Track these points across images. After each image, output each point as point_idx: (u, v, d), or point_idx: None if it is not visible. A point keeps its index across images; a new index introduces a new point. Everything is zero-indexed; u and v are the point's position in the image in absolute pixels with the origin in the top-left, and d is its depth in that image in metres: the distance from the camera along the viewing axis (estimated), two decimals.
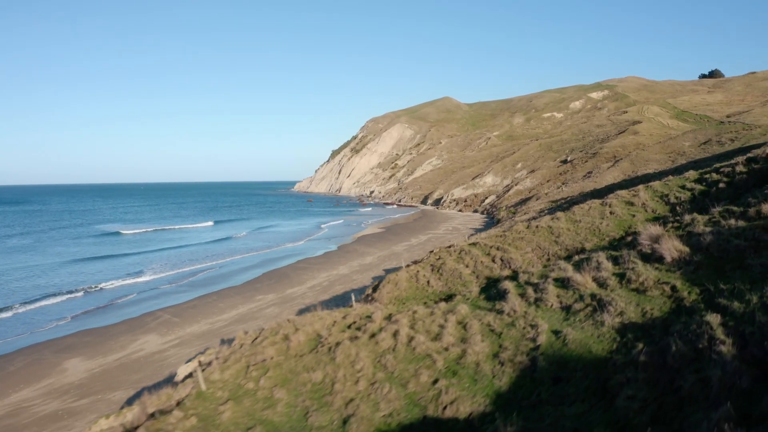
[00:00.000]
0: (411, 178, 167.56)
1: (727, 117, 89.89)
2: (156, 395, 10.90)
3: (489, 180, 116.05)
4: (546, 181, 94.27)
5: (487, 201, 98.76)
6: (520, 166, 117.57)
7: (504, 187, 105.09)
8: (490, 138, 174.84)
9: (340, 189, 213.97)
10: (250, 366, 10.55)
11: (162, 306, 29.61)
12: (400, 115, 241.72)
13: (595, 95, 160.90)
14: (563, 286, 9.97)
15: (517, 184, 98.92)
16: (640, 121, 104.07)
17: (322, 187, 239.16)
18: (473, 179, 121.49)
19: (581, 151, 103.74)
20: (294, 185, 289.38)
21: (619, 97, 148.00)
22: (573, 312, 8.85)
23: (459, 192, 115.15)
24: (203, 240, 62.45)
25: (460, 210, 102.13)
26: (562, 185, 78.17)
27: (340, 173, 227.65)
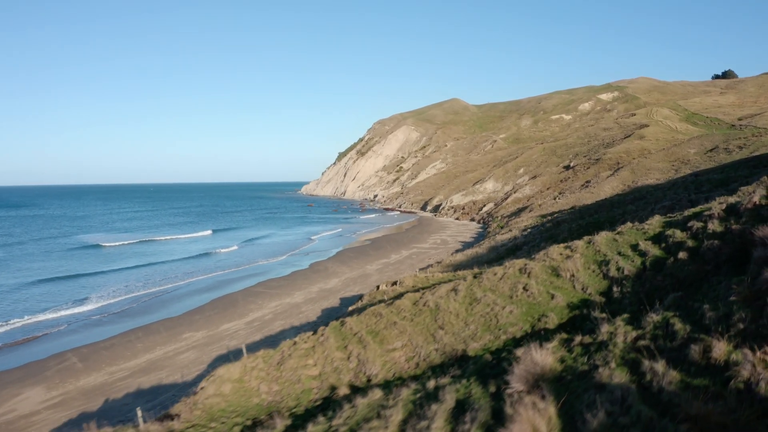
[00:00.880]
0: (414, 182, 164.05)
1: (739, 120, 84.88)
2: None
3: (490, 186, 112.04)
4: (546, 189, 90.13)
5: (485, 209, 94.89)
6: (522, 171, 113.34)
7: (504, 194, 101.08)
8: (496, 141, 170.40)
9: (344, 192, 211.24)
10: None
11: (78, 344, 26.89)
12: (406, 117, 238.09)
13: (605, 96, 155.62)
14: None
15: (516, 191, 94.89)
16: (647, 125, 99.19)
17: (327, 190, 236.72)
18: (474, 185, 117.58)
19: (585, 156, 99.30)
20: (303, 187, 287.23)
21: (629, 99, 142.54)
22: None
23: (458, 198, 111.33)
24: (185, 254, 59.60)
25: (457, 218, 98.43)
26: (558, 195, 74.13)
27: (345, 176, 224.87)
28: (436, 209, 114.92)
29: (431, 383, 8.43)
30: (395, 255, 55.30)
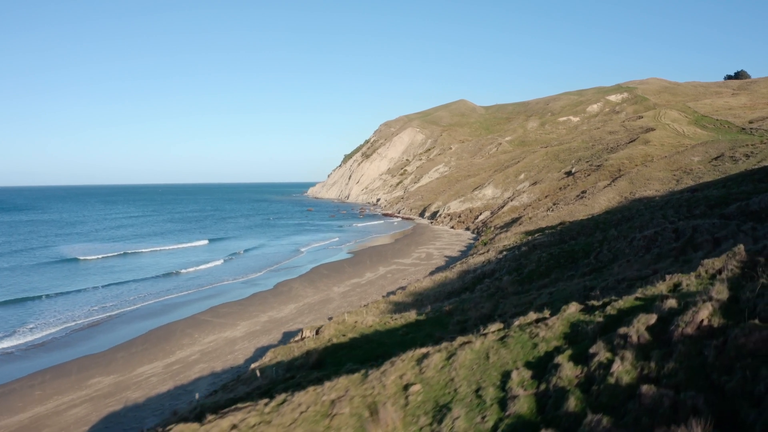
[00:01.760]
0: (416, 186, 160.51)
1: (750, 123, 79.92)
2: None
3: (489, 192, 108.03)
4: (544, 197, 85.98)
5: (481, 218, 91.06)
6: (523, 177, 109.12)
7: (502, 202, 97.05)
8: (501, 143, 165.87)
9: (348, 196, 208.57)
10: None
11: None
12: (413, 119, 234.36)
13: (614, 98, 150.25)
14: None
15: (514, 199, 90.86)
16: (653, 129, 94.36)
17: (332, 193, 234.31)
18: (473, 191, 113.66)
19: (587, 162, 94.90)
20: (309, 189, 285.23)
21: (639, 100, 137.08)
22: None
23: (455, 205, 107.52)
24: (156, 271, 55.85)
25: (452, 227, 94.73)
26: (552, 206, 70.09)
27: (349, 179, 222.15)
28: (433, 216, 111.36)
29: None
30: (370, 273, 52.01)
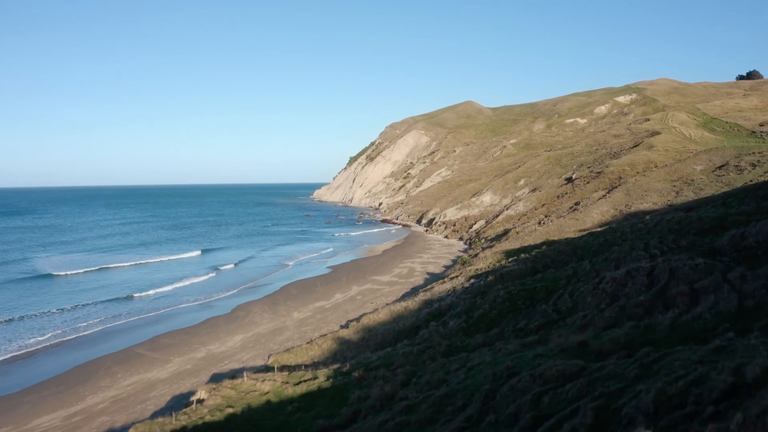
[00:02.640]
0: (418, 190, 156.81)
1: (760, 126, 75.14)
2: None
3: (487, 199, 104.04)
4: (541, 205, 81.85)
5: (475, 227, 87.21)
6: (522, 182, 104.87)
7: (500, 209, 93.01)
8: (505, 146, 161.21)
9: (351, 199, 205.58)
10: None
11: None
12: (418, 121, 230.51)
13: (622, 99, 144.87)
14: None
15: (510, 207, 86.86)
16: (659, 132, 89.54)
17: (336, 196, 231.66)
18: (471, 197, 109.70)
19: (588, 168, 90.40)
20: (315, 191, 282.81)
21: (647, 101, 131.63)
22: None
23: (452, 213, 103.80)
24: (125, 291, 52.97)
25: (446, 236, 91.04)
26: (544, 219, 66.10)
27: (354, 182, 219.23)
28: (429, 223, 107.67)
29: None
30: (340, 294, 48.75)
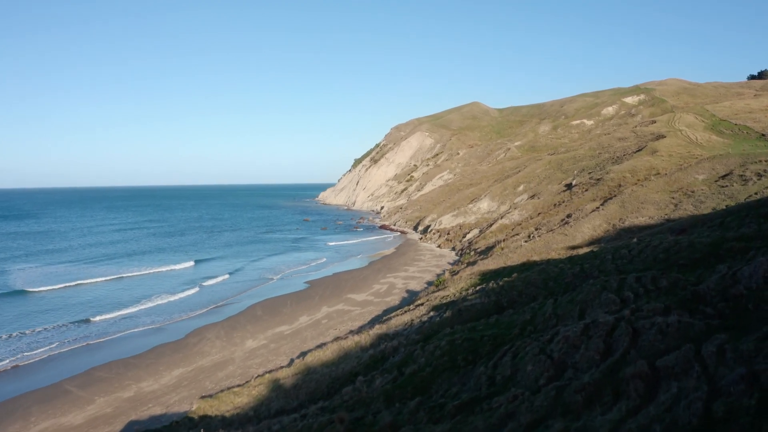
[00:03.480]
0: (419, 194, 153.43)
1: None
2: None
3: (484, 205, 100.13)
4: (537, 214, 77.84)
5: (468, 236, 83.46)
6: (522, 188, 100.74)
7: (496, 216, 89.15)
8: (509, 149, 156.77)
9: (355, 202, 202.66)
10: None
11: None
12: (423, 122, 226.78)
13: (630, 100, 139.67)
14: None
15: (503, 216, 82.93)
16: (664, 136, 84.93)
17: (340, 199, 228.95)
18: (469, 203, 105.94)
19: (589, 174, 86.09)
20: (320, 193, 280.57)
21: (656, 102, 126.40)
22: None
23: (448, 220, 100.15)
24: (88, 312, 49.46)
25: (439, 245, 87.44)
26: (534, 231, 62.25)
27: (357, 185, 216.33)
28: (425, 231, 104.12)
29: None
30: (306, 317, 45.54)
